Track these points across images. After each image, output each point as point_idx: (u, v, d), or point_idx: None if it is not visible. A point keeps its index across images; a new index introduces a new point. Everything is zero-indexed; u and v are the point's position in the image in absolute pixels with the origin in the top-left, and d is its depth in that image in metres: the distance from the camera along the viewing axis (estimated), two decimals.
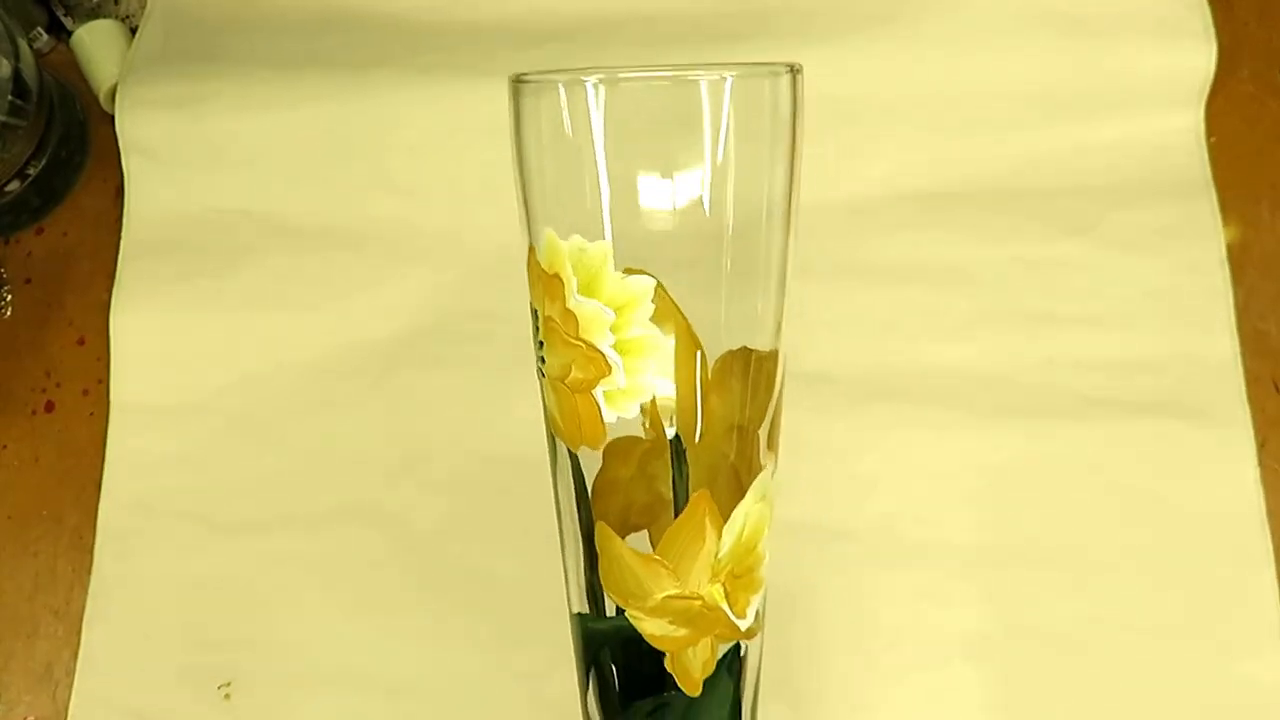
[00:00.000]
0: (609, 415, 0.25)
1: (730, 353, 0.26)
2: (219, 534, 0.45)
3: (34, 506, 0.47)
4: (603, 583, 0.27)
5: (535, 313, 0.27)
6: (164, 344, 0.47)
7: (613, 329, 0.25)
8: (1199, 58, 0.44)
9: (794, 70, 0.25)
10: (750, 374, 0.27)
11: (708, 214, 0.25)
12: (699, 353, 0.25)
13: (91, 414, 0.47)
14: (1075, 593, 0.40)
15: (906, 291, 0.44)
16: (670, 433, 0.26)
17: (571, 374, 0.26)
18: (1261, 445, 0.41)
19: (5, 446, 0.48)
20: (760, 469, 0.27)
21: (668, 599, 0.26)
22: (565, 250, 0.25)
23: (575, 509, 0.28)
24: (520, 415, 0.45)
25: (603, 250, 0.25)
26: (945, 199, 0.45)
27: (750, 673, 0.29)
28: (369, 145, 0.48)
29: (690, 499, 0.26)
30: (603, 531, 0.27)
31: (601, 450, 0.26)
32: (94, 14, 0.53)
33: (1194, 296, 0.43)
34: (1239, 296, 0.43)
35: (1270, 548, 0.40)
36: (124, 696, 0.43)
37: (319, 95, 0.48)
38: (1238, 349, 0.42)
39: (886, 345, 0.44)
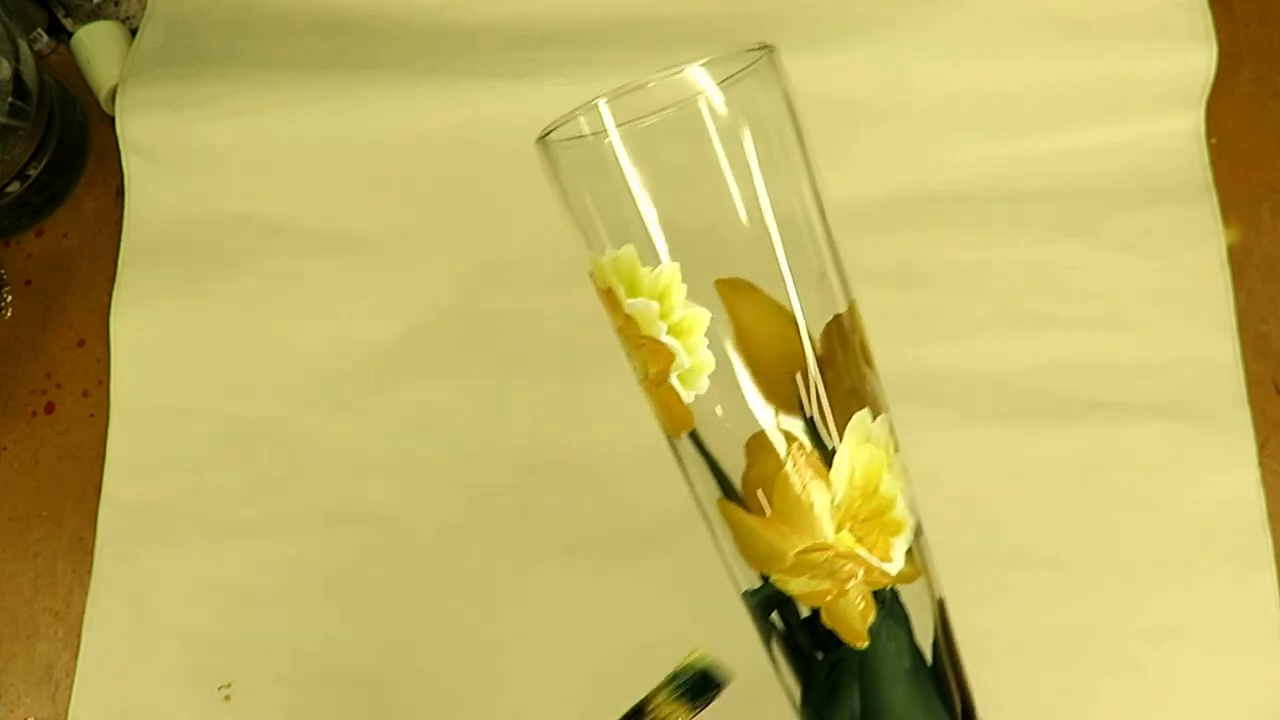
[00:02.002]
0: (686, 396, 0.27)
1: (827, 325, 0.27)
2: (219, 536, 0.45)
3: (34, 508, 0.46)
4: (743, 556, 0.28)
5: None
6: (164, 346, 0.47)
7: (660, 317, 0.26)
8: (1200, 60, 0.44)
9: (768, 49, 0.27)
10: (844, 337, 0.28)
11: (743, 207, 0.26)
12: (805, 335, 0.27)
13: (91, 416, 0.47)
14: (1076, 594, 0.40)
15: (907, 293, 0.44)
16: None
17: (649, 371, 0.27)
18: (1262, 447, 0.41)
19: (5, 448, 0.48)
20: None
21: (800, 555, 0.27)
22: (607, 264, 0.27)
23: (710, 496, 0.28)
24: (519, 416, 0.45)
25: (630, 253, 0.26)
26: (946, 201, 0.45)
27: (921, 617, 0.28)
28: (369, 148, 0.47)
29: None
30: (723, 506, 0.28)
31: (744, 447, 0.27)
32: (94, 15, 0.53)
33: (1195, 298, 0.43)
34: (1240, 298, 0.43)
35: (1271, 549, 0.40)
36: (124, 698, 0.43)
37: (319, 97, 0.48)
38: (1238, 351, 0.42)
39: (887, 346, 0.43)
